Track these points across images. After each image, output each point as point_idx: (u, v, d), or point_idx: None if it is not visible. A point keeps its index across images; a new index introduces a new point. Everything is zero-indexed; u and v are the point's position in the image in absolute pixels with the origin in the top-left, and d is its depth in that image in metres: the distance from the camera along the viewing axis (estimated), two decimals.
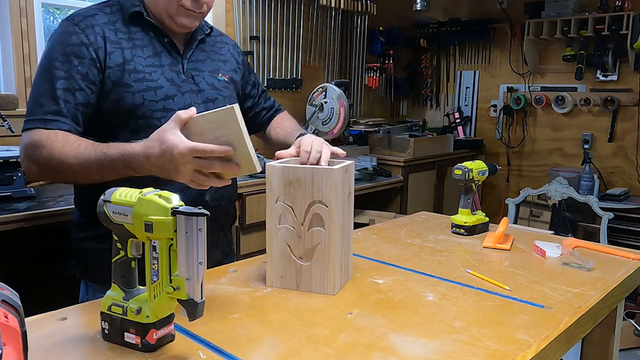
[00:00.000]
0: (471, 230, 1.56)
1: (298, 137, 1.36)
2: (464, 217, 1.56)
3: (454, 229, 1.58)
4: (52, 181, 1.21)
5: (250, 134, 1.46)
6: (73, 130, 1.19)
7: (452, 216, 1.61)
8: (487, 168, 1.61)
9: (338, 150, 1.24)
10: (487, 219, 1.61)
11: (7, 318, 0.64)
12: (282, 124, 1.59)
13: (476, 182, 1.57)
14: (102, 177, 1.12)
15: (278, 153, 1.24)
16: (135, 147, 1.06)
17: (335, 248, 1.11)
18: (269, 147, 1.59)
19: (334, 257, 1.11)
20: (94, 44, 1.22)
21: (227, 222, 1.49)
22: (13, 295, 0.68)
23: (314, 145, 1.20)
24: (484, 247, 1.46)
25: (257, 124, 1.63)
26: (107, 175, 1.12)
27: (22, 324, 0.67)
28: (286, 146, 1.37)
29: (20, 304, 0.69)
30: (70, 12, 1.34)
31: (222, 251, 1.48)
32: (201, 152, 0.99)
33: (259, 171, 1.03)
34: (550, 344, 0.92)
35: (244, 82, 1.56)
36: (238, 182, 2.67)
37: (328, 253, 1.11)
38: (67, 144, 1.14)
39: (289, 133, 1.51)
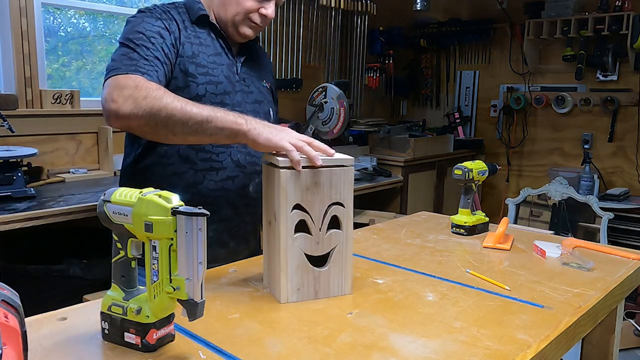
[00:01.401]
0: (471, 230, 1.56)
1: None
2: (464, 217, 1.56)
3: (454, 229, 1.58)
4: (142, 124, 1.14)
5: None
6: (157, 80, 1.24)
7: (452, 216, 1.61)
8: (487, 168, 1.61)
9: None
10: (487, 219, 1.61)
11: (7, 318, 0.64)
12: None
13: (476, 182, 1.57)
14: (201, 129, 1.12)
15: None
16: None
17: (351, 247, 1.11)
18: None
19: (350, 257, 1.11)
20: (174, 32, 1.33)
21: (256, 221, 1.52)
22: (13, 295, 0.69)
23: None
24: (484, 247, 1.46)
25: None
26: (210, 129, 1.12)
27: (22, 324, 0.67)
28: None
29: (20, 304, 0.69)
30: (71, 12, 1.35)
31: (257, 244, 1.54)
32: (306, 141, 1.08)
33: None
34: (550, 344, 0.92)
35: (274, 95, 1.67)
36: None
37: (345, 254, 1.10)
38: (171, 94, 1.16)
39: None
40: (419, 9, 3.92)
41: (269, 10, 1.39)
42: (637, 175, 3.65)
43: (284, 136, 1.07)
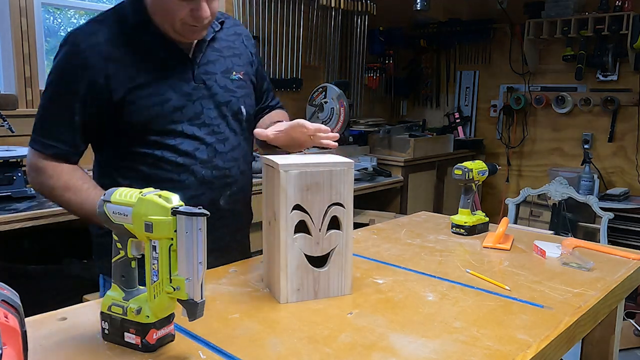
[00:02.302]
0: (471, 230, 1.56)
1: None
2: (464, 217, 1.56)
3: (454, 229, 1.58)
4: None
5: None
6: (73, 155, 1.26)
7: (452, 216, 1.61)
8: (487, 168, 1.61)
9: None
10: (487, 219, 1.61)
11: (7, 318, 0.64)
12: (272, 116, 1.54)
13: (476, 182, 1.57)
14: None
15: (263, 132, 1.31)
16: None
17: (351, 248, 1.11)
18: (258, 144, 1.55)
19: (350, 258, 1.11)
20: (95, 66, 1.21)
21: (242, 225, 1.49)
22: (13, 295, 0.69)
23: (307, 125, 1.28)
24: (484, 247, 1.45)
25: (257, 118, 1.57)
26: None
27: (22, 324, 0.67)
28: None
29: (20, 303, 0.69)
30: (71, 12, 1.33)
31: (240, 253, 1.46)
32: None
33: None
34: (550, 344, 0.92)
35: (258, 76, 1.51)
36: None
37: (345, 254, 1.10)
38: (71, 184, 1.22)
39: (271, 123, 1.45)
40: (419, 9, 3.92)
41: (201, 11, 1.19)
42: (637, 175, 3.65)
43: None
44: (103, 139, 1.31)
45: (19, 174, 2.02)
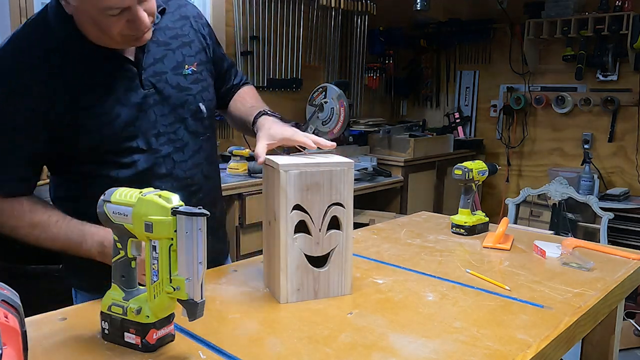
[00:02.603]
0: (471, 230, 1.56)
1: (259, 115, 1.29)
2: (464, 217, 1.56)
3: (454, 229, 1.58)
4: None
5: (218, 109, 1.39)
6: (27, 189, 1.15)
7: (452, 216, 1.61)
8: (487, 168, 1.61)
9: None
10: (487, 219, 1.61)
11: (7, 318, 0.64)
12: (244, 98, 1.44)
13: (476, 182, 1.57)
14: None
15: (257, 153, 1.17)
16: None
17: (351, 248, 1.11)
18: (232, 124, 1.51)
19: (350, 258, 1.11)
20: (32, 93, 1.07)
21: (215, 229, 1.36)
22: (13, 295, 0.69)
23: (308, 135, 1.18)
24: (484, 247, 1.45)
25: (225, 101, 1.46)
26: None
27: (22, 324, 0.67)
28: (244, 123, 1.35)
29: (20, 304, 0.69)
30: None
31: (213, 260, 1.35)
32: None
33: None
34: (550, 344, 0.92)
35: (216, 59, 1.37)
36: (237, 182, 2.67)
37: (345, 254, 1.10)
38: (36, 220, 1.12)
39: (248, 109, 1.37)
40: (419, 8, 3.92)
41: (138, 19, 1.04)
42: (637, 175, 3.65)
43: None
44: (54, 164, 1.21)
45: None
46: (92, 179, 1.16)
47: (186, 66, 1.24)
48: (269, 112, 1.31)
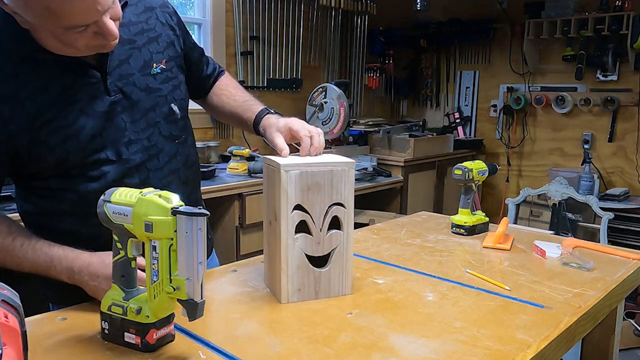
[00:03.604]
0: (471, 230, 1.56)
1: (262, 115, 1.27)
2: (464, 217, 1.56)
3: (454, 229, 1.58)
4: None
5: (191, 100, 1.32)
6: None
7: (452, 216, 1.61)
8: (487, 168, 1.61)
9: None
10: (487, 219, 1.61)
11: (7, 318, 0.64)
12: (231, 92, 1.39)
13: (476, 182, 1.57)
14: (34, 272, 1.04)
15: (280, 148, 1.15)
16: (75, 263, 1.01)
17: (351, 248, 1.11)
18: (214, 115, 1.46)
19: (351, 257, 1.11)
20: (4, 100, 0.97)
21: None
22: (13, 296, 0.69)
23: (312, 132, 1.16)
24: (484, 247, 1.45)
25: (200, 92, 1.40)
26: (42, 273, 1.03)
27: (22, 324, 0.67)
28: (239, 118, 1.32)
29: (20, 304, 0.69)
30: None
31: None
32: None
33: None
34: (550, 344, 0.92)
35: (187, 50, 1.27)
36: (237, 182, 2.67)
37: (346, 254, 1.10)
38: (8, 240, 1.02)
39: (242, 104, 1.34)
40: (419, 9, 3.92)
41: (105, 28, 0.94)
42: (637, 175, 3.65)
43: (104, 291, 0.93)
44: (17, 180, 1.12)
45: None
46: (59, 192, 1.08)
47: (154, 65, 1.14)
48: (271, 111, 1.29)
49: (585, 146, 3.82)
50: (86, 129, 1.04)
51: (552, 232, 1.70)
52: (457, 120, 4.42)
